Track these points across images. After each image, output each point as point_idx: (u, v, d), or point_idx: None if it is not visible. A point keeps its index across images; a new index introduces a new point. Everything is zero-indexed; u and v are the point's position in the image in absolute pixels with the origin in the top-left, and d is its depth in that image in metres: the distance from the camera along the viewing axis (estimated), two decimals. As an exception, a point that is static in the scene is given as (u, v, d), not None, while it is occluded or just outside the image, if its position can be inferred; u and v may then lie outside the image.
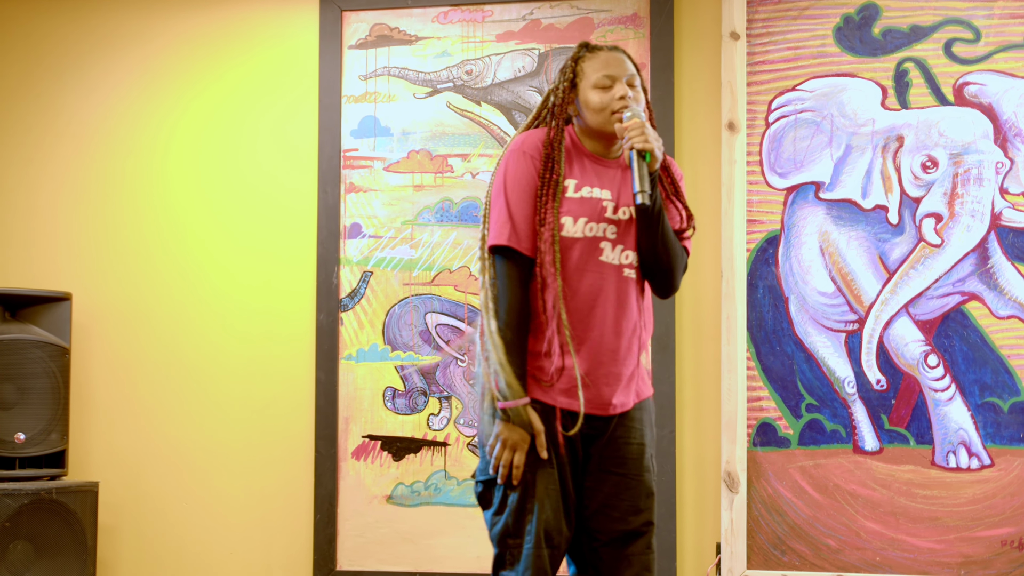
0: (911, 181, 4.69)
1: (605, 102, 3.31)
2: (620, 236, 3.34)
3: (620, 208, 3.34)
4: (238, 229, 5.27)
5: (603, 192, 3.34)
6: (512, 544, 3.30)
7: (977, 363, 4.62)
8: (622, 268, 3.34)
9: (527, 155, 3.34)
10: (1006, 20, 4.67)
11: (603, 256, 3.32)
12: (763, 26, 4.82)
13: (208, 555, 5.20)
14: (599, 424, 3.35)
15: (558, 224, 3.29)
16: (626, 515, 3.35)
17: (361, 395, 5.07)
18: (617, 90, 3.32)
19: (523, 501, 3.29)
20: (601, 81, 3.33)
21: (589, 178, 3.35)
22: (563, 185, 3.32)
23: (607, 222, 3.32)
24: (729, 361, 4.74)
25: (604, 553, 3.35)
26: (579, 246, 3.30)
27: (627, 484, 3.36)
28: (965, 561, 4.58)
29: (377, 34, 5.15)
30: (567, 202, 3.32)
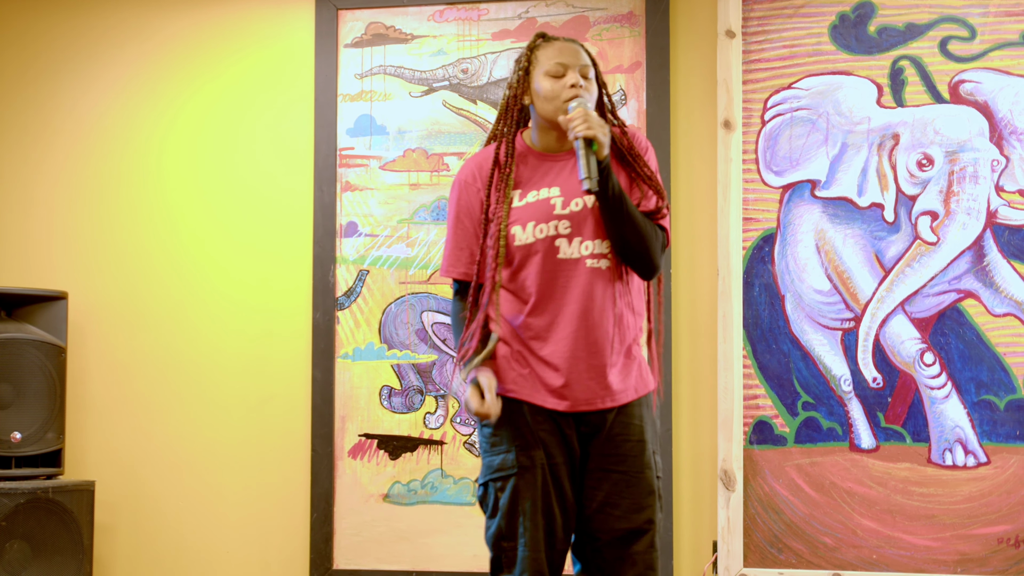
0: (907, 179, 4.70)
1: (556, 90, 3.31)
2: (575, 229, 3.33)
3: (571, 201, 3.34)
4: (234, 228, 5.27)
5: (551, 191, 3.35)
6: (507, 547, 3.31)
7: (973, 361, 4.62)
8: (583, 260, 3.33)
9: (467, 184, 3.42)
10: (1001, 18, 4.67)
11: (560, 254, 3.32)
12: (759, 24, 4.82)
13: (205, 554, 5.19)
14: (595, 420, 3.35)
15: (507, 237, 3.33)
16: (628, 513, 3.34)
17: (357, 394, 5.07)
18: (569, 78, 3.31)
19: (514, 502, 3.29)
20: (554, 69, 3.32)
21: (536, 181, 3.37)
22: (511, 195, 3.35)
23: (557, 218, 3.32)
24: (725, 359, 4.75)
25: (606, 552, 3.35)
26: (534, 250, 3.32)
27: (628, 482, 3.35)
28: (961, 559, 4.59)
29: (373, 33, 5.15)
30: (513, 212, 3.34)
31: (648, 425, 3.41)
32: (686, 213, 4.88)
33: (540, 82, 3.34)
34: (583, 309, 3.32)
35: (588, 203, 3.34)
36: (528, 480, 3.29)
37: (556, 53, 3.35)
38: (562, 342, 3.32)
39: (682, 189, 4.89)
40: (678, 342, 4.87)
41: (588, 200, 3.34)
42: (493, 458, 3.33)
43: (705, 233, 4.85)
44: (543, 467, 3.30)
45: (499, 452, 3.33)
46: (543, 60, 3.35)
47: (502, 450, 3.32)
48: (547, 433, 3.32)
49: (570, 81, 3.31)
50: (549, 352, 3.33)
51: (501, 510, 3.31)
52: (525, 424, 3.32)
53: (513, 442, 3.31)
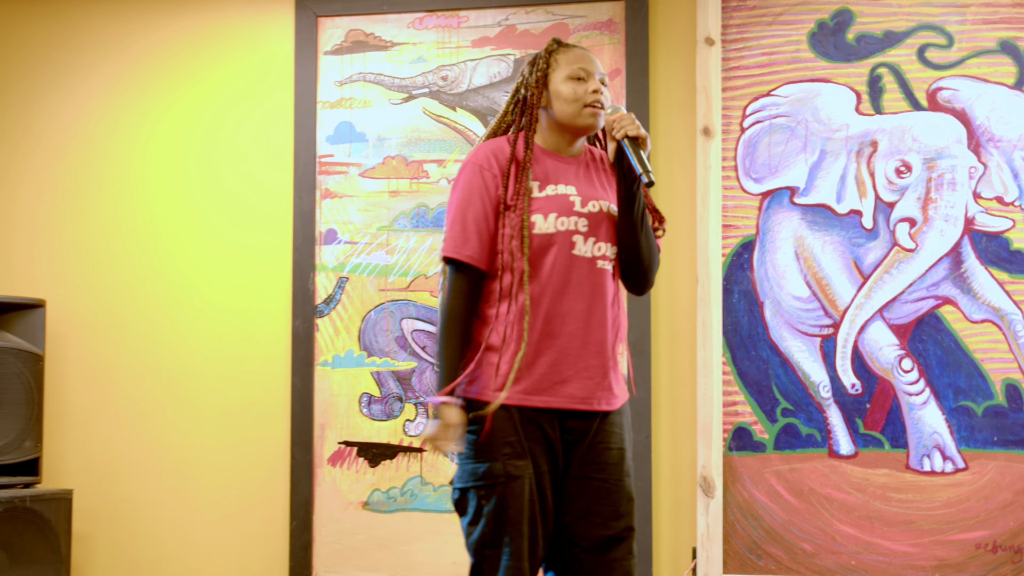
0: (885, 186, 4.72)
1: (579, 93, 3.35)
2: (591, 229, 3.35)
3: (589, 202, 3.36)
4: (214, 235, 5.27)
5: (567, 188, 3.37)
6: (490, 555, 3.29)
7: (951, 367, 4.64)
8: (595, 260, 3.35)
9: (482, 168, 3.37)
10: (979, 26, 4.70)
11: (576, 250, 3.33)
12: (738, 32, 4.84)
13: (184, 563, 5.19)
14: (579, 427, 3.35)
15: (528, 223, 3.31)
16: (607, 520, 3.34)
17: (337, 401, 5.07)
18: (591, 84, 3.36)
19: (500, 511, 3.27)
20: (576, 72, 3.37)
21: (553, 176, 3.38)
22: (530, 186, 3.35)
23: (577, 215, 3.34)
24: (705, 366, 4.75)
25: (586, 559, 3.34)
26: (552, 241, 3.32)
27: (608, 489, 3.35)
28: (940, 564, 4.60)
29: (352, 40, 5.16)
30: (534, 201, 3.34)
31: (627, 433, 3.43)
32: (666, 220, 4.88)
33: (561, 85, 3.37)
34: (589, 307, 3.33)
35: (603, 207, 3.37)
36: (516, 490, 3.27)
37: (577, 59, 3.40)
38: (569, 337, 3.32)
39: (661, 196, 4.88)
40: (657, 349, 4.88)
41: (603, 204, 3.37)
42: (478, 465, 3.31)
43: (684, 240, 4.86)
44: (530, 478, 3.29)
45: (485, 460, 3.30)
46: (564, 64, 3.39)
47: (489, 458, 3.30)
48: (535, 442, 3.31)
49: (592, 87, 3.36)
50: (554, 346, 3.32)
51: (486, 518, 3.29)
52: (515, 432, 3.30)
53: (502, 450, 3.29)
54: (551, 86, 3.39)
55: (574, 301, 3.32)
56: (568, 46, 3.44)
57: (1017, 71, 4.66)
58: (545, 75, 3.41)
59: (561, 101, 3.37)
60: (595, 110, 3.36)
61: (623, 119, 3.32)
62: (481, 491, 3.29)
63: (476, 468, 3.31)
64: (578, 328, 3.32)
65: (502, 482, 3.27)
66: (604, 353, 3.35)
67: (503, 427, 3.30)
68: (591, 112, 3.36)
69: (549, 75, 3.40)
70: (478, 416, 3.30)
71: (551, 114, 3.40)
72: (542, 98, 3.41)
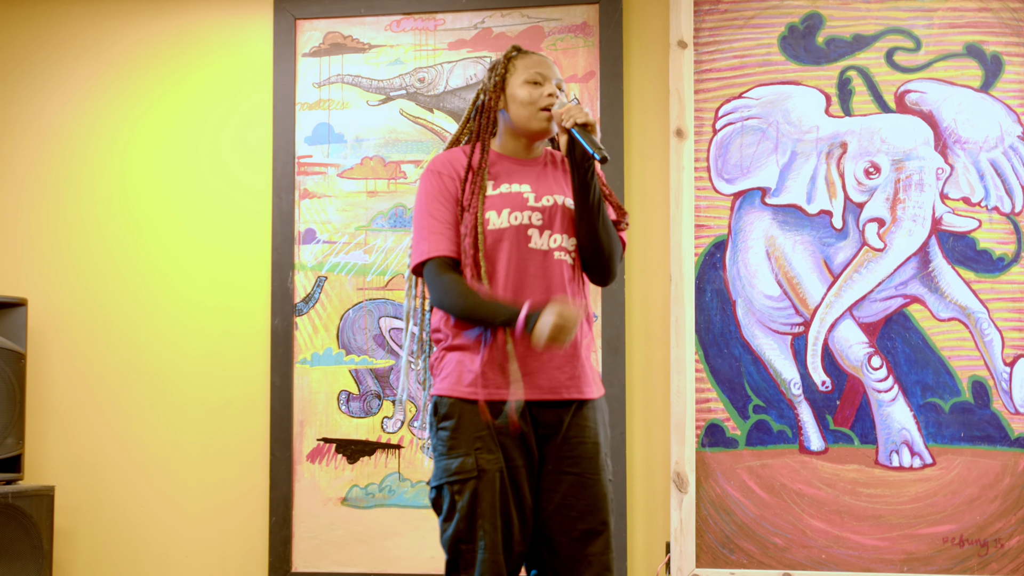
0: (854, 187, 4.74)
1: (534, 97, 3.40)
2: (546, 222, 3.37)
3: (543, 196, 3.39)
4: (194, 236, 5.26)
5: (522, 186, 3.40)
6: (465, 549, 3.31)
7: (919, 364, 4.67)
8: (552, 252, 3.37)
9: (440, 173, 3.42)
10: (945, 30, 4.72)
11: (531, 243, 3.36)
12: (710, 35, 4.85)
13: (164, 558, 5.18)
14: (551, 420, 3.36)
15: (483, 220, 3.34)
16: (584, 515, 3.35)
17: (316, 398, 5.07)
18: (546, 88, 3.41)
19: (473, 505, 3.29)
20: (532, 76, 3.42)
21: (507, 177, 3.41)
22: (484, 185, 3.38)
23: (531, 210, 3.37)
24: (678, 363, 4.77)
25: (563, 554, 3.36)
26: (506, 236, 3.35)
27: (584, 483, 3.36)
28: (908, 558, 4.63)
29: (331, 42, 5.15)
30: (488, 199, 3.37)
31: (601, 428, 3.44)
32: (639, 220, 4.90)
33: (518, 89, 3.42)
34: (549, 298, 3.33)
35: (559, 200, 3.40)
36: (487, 483, 3.29)
37: (534, 64, 3.45)
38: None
39: (635, 196, 4.91)
40: (631, 346, 4.89)
41: (559, 198, 3.40)
42: (451, 461, 3.32)
43: (658, 239, 4.88)
44: (502, 471, 3.30)
45: (457, 455, 3.32)
46: (521, 69, 3.44)
47: (461, 453, 3.31)
48: (507, 436, 3.33)
49: (548, 91, 3.40)
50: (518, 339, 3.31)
51: (459, 513, 3.30)
52: (485, 427, 3.32)
53: (473, 445, 3.31)
54: (508, 90, 3.44)
55: (533, 293, 3.33)
56: (527, 52, 3.49)
57: (983, 74, 4.69)
58: (503, 80, 3.46)
59: (516, 104, 3.41)
60: (550, 114, 3.39)
61: (570, 109, 3.33)
62: (454, 487, 3.31)
63: (448, 464, 3.32)
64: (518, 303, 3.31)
65: (474, 476, 3.28)
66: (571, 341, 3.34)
67: (474, 422, 3.32)
68: (546, 116, 3.39)
69: (507, 80, 3.45)
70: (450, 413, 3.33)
71: (508, 118, 3.45)
72: (499, 102, 3.45)
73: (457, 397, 3.34)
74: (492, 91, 3.46)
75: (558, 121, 3.36)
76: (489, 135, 3.46)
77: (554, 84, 3.43)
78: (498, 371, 3.33)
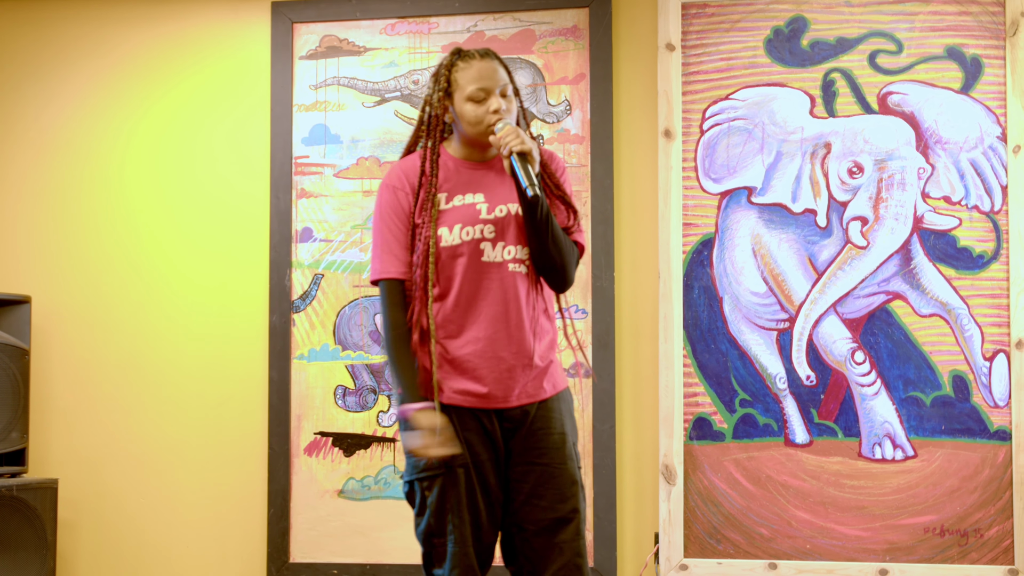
0: (838, 186, 4.76)
1: (480, 115, 3.36)
2: (499, 234, 3.39)
3: (496, 207, 3.40)
4: (193, 234, 5.27)
5: (475, 196, 3.41)
6: (437, 543, 3.36)
7: (901, 359, 4.69)
8: (506, 264, 3.39)
9: (395, 188, 3.42)
10: (926, 33, 4.74)
11: (485, 256, 3.38)
12: (697, 38, 4.87)
13: (165, 549, 5.20)
14: (516, 415, 3.40)
15: (435, 237, 3.35)
16: (553, 503, 3.39)
17: (313, 393, 5.08)
18: (492, 103, 3.36)
19: (442, 500, 3.33)
20: (475, 94, 3.36)
21: (461, 187, 3.42)
22: (437, 199, 3.38)
23: (483, 223, 3.38)
24: (666, 359, 4.79)
25: (535, 542, 3.40)
26: (459, 252, 3.37)
27: (551, 473, 3.40)
28: (890, 548, 4.66)
29: (327, 45, 5.15)
30: (441, 215, 3.37)
31: (567, 419, 3.48)
32: (628, 218, 4.93)
33: (463, 106, 3.38)
34: (504, 310, 3.37)
35: (511, 210, 3.40)
36: (453, 478, 3.33)
37: (476, 77, 3.38)
38: (483, 341, 3.37)
39: (624, 196, 4.93)
40: (621, 342, 4.92)
41: (511, 207, 3.40)
42: (418, 459, 3.35)
43: (646, 238, 4.90)
44: (467, 465, 3.35)
45: None
46: (464, 83, 3.38)
47: None
48: (471, 432, 3.37)
49: (493, 106, 3.36)
50: (470, 352, 3.37)
51: (430, 508, 3.35)
52: (449, 425, 3.34)
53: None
54: (455, 104, 3.40)
55: (488, 306, 3.37)
56: (468, 58, 3.41)
57: (963, 76, 4.71)
58: (447, 92, 3.41)
59: (465, 123, 3.39)
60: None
61: (507, 135, 3.29)
62: (423, 482, 3.35)
63: (417, 461, 3.36)
64: (494, 331, 3.37)
65: (441, 472, 3.32)
66: (525, 352, 3.39)
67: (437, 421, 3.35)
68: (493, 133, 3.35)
69: (452, 92, 3.40)
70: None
71: (458, 129, 3.43)
72: (447, 113, 3.42)
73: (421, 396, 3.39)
74: (438, 105, 3.43)
75: (497, 147, 3.35)
76: (436, 149, 3.44)
77: (498, 94, 3.38)
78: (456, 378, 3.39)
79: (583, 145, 4.95)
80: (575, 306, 4.93)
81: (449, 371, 3.39)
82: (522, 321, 3.39)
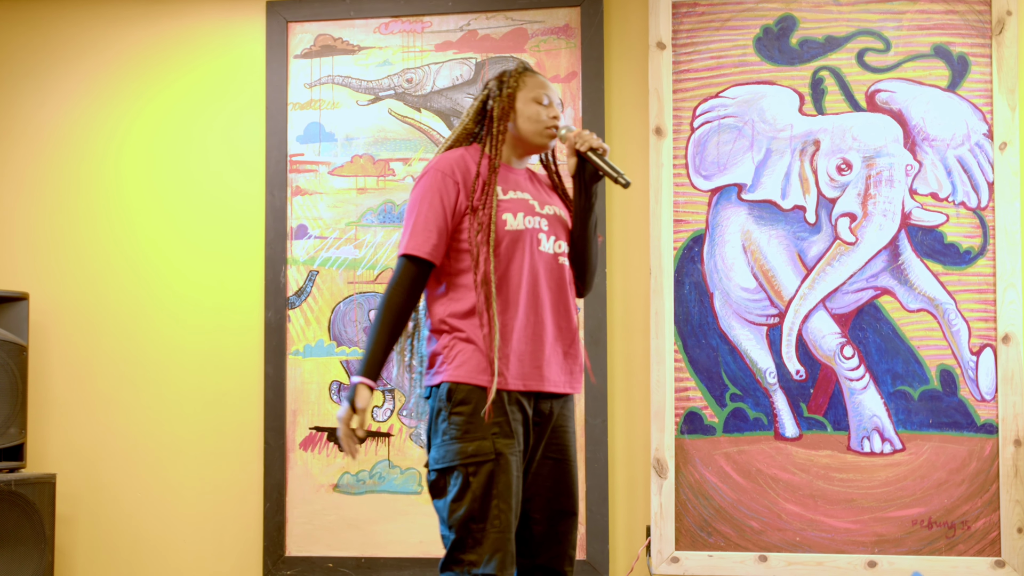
0: (827, 183, 4.79)
1: (541, 116, 3.55)
2: (551, 228, 3.52)
3: (544, 205, 3.54)
4: (189, 231, 5.27)
5: (524, 194, 3.53)
6: (475, 528, 3.34)
7: (889, 354, 4.72)
8: (557, 256, 3.52)
9: (444, 174, 3.47)
10: (914, 31, 4.77)
11: (541, 246, 3.49)
12: (688, 36, 4.89)
13: (162, 543, 5.21)
14: (545, 410, 3.47)
15: (496, 220, 3.42)
16: (559, 497, 3.49)
17: (308, 388, 5.10)
18: (552, 110, 3.56)
19: (488, 486, 3.34)
20: (540, 97, 3.56)
21: (511, 184, 3.53)
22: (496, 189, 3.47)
23: (539, 216, 3.50)
24: (658, 354, 4.82)
25: (535, 531, 3.48)
26: (522, 238, 3.46)
27: (564, 469, 3.51)
28: (879, 540, 4.69)
29: (321, 44, 5.16)
30: (502, 203, 3.47)
31: (574, 418, 3.61)
32: (620, 216, 4.96)
33: (526, 105, 3.55)
34: (557, 298, 3.50)
35: (556, 211, 3.56)
36: (504, 466, 3.35)
37: (541, 85, 3.59)
38: (546, 325, 3.46)
39: (616, 193, 4.95)
40: (613, 338, 4.94)
41: (555, 208, 3.56)
42: (466, 444, 3.36)
43: (638, 234, 4.92)
44: (516, 455, 3.39)
45: (474, 439, 3.37)
46: (531, 86, 3.57)
47: (477, 437, 3.36)
48: (519, 423, 3.42)
49: (553, 113, 3.57)
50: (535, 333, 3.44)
51: (473, 493, 3.34)
52: (503, 413, 3.38)
53: (490, 430, 3.36)
54: (516, 104, 3.56)
55: (546, 292, 3.47)
56: (535, 72, 3.62)
57: (950, 74, 4.74)
58: (513, 93, 3.57)
59: (525, 119, 3.54)
60: (552, 133, 3.55)
61: (582, 134, 3.51)
62: (470, 468, 3.34)
63: (464, 448, 3.36)
64: (551, 317, 3.47)
65: (491, 459, 3.34)
66: (573, 339, 3.52)
67: (492, 408, 3.38)
68: (549, 134, 3.55)
69: (516, 94, 3.57)
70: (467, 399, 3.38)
71: (511, 129, 3.56)
72: (511, 112, 3.56)
73: (475, 384, 3.40)
74: (505, 101, 3.57)
75: (572, 144, 3.53)
76: (501, 142, 3.54)
77: (558, 107, 3.58)
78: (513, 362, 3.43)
79: (575, 143, 4.98)
80: (567, 302, 4.95)
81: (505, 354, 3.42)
82: (571, 310, 3.54)
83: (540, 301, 3.46)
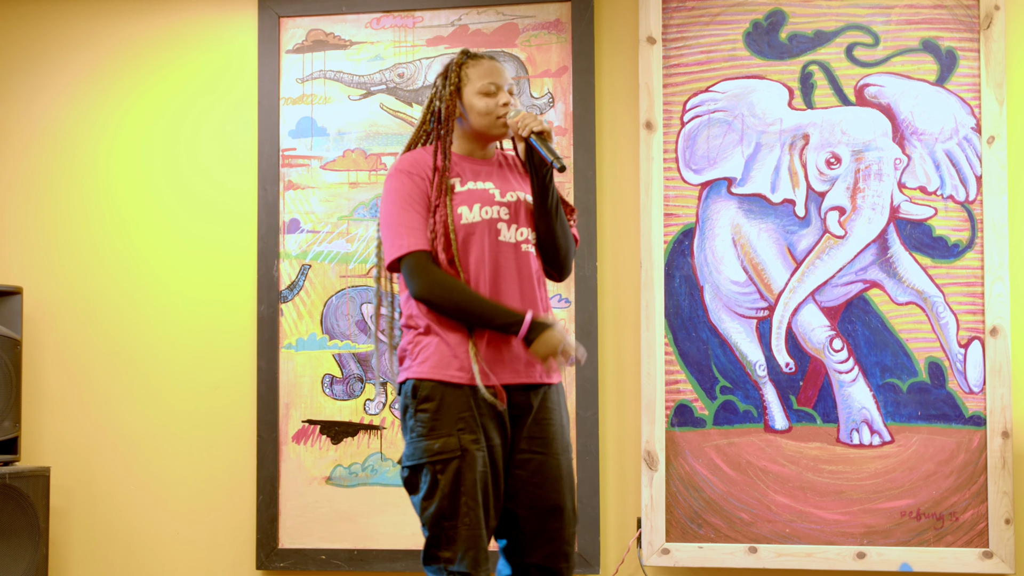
0: (816, 176, 4.80)
1: (491, 107, 3.50)
2: (512, 216, 3.49)
3: (507, 192, 3.51)
4: (182, 225, 5.28)
5: (486, 183, 3.51)
6: (447, 526, 3.36)
7: (878, 346, 4.73)
8: (519, 244, 3.49)
9: (408, 173, 3.49)
10: (902, 26, 4.78)
11: (501, 236, 3.47)
12: (678, 31, 4.90)
13: (156, 535, 5.22)
14: (522, 402, 3.47)
15: (452, 215, 3.42)
16: (548, 492, 3.47)
17: (301, 382, 5.11)
18: (501, 97, 3.50)
19: (456, 483, 3.35)
20: (486, 87, 3.51)
21: (470, 175, 3.51)
22: (451, 184, 3.47)
23: (498, 204, 3.48)
24: (648, 347, 4.83)
25: (526, 528, 3.47)
26: (478, 230, 3.45)
27: (549, 463, 3.48)
28: (868, 531, 4.70)
29: (313, 39, 5.18)
30: (457, 196, 3.46)
31: (564, 411, 3.57)
32: (610, 209, 4.97)
33: (474, 99, 3.51)
34: (521, 287, 3.47)
35: (521, 196, 3.51)
36: (470, 462, 3.36)
37: (487, 73, 3.53)
38: None
39: (606, 187, 4.97)
40: (603, 331, 4.96)
41: (521, 194, 3.51)
42: (432, 442, 3.38)
43: (628, 228, 4.94)
44: (482, 451, 3.39)
45: (439, 436, 3.38)
46: (474, 78, 3.52)
47: (443, 433, 3.38)
48: (487, 417, 3.42)
49: (503, 100, 3.50)
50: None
51: (442, 491, 3.36)
52: (468, 408, 3.39)
53: (455, 426, 3.37)
54: (464, 99, 3.53)
55: (507, 283, 3.45)
56: (477, 58, 3.56)
57: (938, 68, 4.75)
58: (458, 88, 3.54)
59: (475, 114, 3.51)
60: (506, 121, 3.50)
61: (525, 118, 3.44)
62: (436, 466, 3.36)
63: (430, 445, 3.38)
64: (517, 307, 3.44)
65: (457, 456, 3.35)
66: None
67: (457, 404, 3.39)
68: (503, 123, 3.50)
69: (462, 88, 3.53)
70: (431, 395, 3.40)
71: (465, 124, 3.54)
72: (456, 109, 3.53)
73: (439, 380, 3.41)
74: (448, 99, 3.54)
75: (514, 130, 3.46)
76: (448, 139, 3.54)
77: (507, 90, 3.52)
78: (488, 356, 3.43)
79: (566, 137, 4.99)
80: (558, 295, 4.97)
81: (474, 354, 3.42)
82: (535, 298, 3.49)
83: (502, 292, 3.44)
